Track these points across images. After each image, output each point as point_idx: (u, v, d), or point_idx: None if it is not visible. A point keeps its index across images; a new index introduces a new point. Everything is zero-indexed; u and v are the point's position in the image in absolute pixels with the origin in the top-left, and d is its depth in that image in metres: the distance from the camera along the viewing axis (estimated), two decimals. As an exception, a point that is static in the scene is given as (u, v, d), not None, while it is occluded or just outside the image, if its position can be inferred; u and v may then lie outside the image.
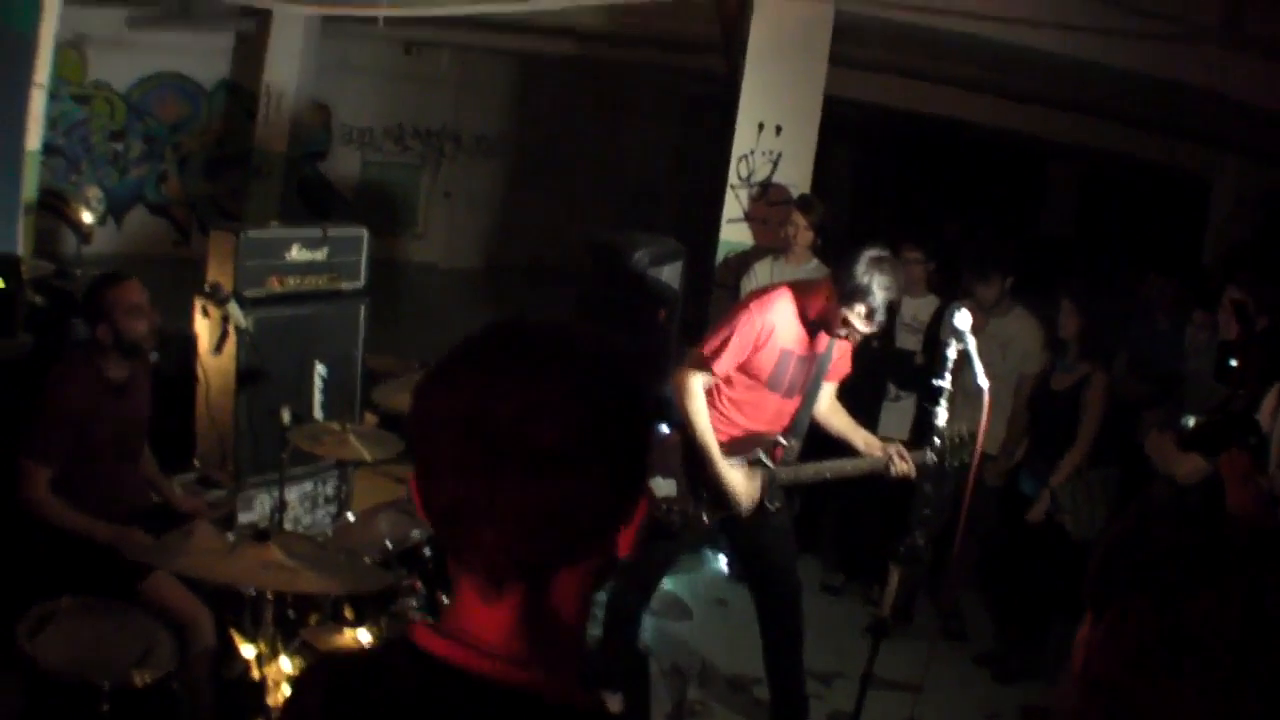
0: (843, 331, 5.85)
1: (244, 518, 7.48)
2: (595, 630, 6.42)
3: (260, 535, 4.60)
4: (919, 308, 8.45)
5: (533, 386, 1.68)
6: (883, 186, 19.35)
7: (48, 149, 11.56)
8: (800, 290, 6.09)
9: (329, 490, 8.05)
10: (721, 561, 8.76)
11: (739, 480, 6.03)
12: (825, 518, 8.98)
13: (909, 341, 8.43)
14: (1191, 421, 5.68)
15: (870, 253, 5.72)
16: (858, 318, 5.73)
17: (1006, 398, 7.76)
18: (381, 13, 10.30)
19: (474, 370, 1.73)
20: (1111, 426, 7.50)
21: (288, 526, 6.97)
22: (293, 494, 7.35)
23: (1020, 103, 13.74)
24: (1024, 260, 8.43)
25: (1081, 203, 19.02)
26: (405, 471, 7.65)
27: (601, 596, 6.24)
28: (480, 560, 1.73)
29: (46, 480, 5.49)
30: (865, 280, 5.66)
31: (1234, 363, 5.59)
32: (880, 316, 5.75)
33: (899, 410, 8.42)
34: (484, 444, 1.65)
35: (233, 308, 6.72)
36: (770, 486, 6.11)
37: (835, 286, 5.81)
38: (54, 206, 10.89)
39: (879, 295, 5.66)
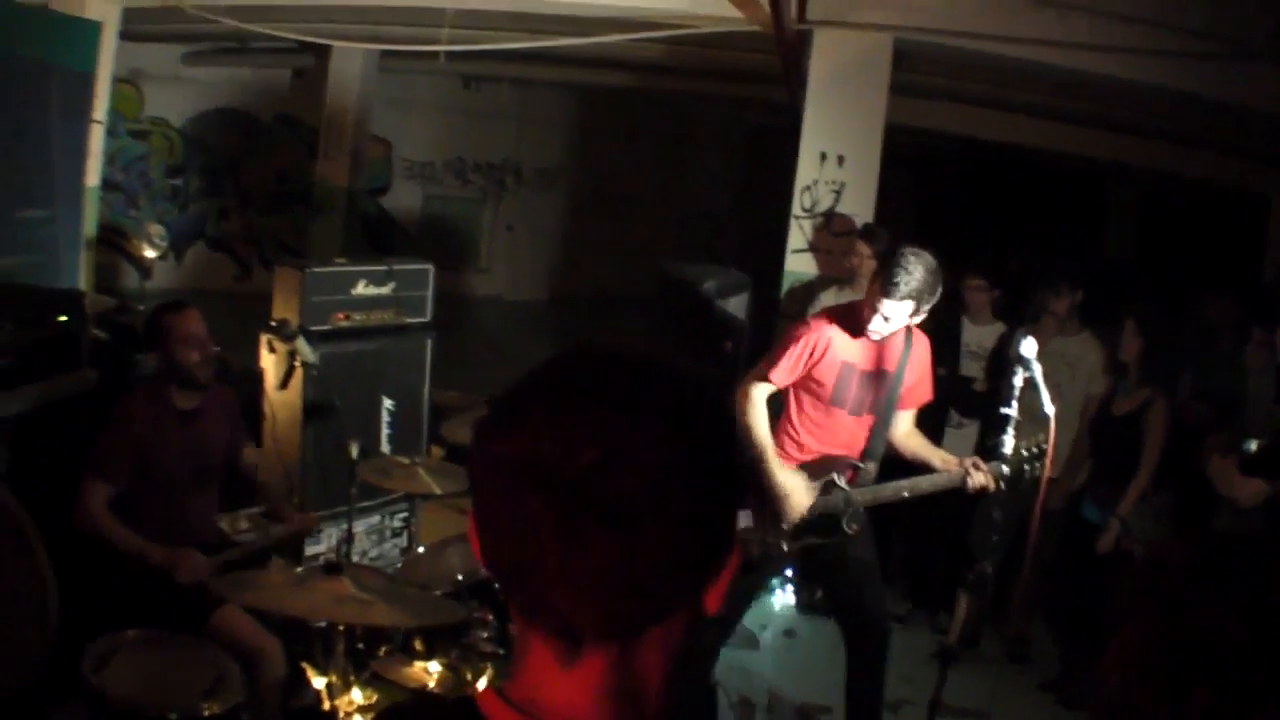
0: (874, 324, 5.85)
1: (311, 550, 7.55)
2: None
3: (332, 568, 4.63)
4: (983, 335, 8.43)
5: (612, 430, 1.49)
6: (945, 213, 19.30)
7: (106, 184, 11.68)
8: (854, 304, 6.13)
9: (395, 523, 8.11)
10: (788, 592, 8.75)
11: (793, 484, 5.99)
12: (892, 546, 8.97)
13: (972, 369, 8.41)
14: (1254, 445, 5.67)
15: (911, 247, 5.80)
16: (887, 299, 5.75)
17: (1072, 418, 7.77)
18: (441, 48, 10.33)
19: (543, 410, 1.53)
20: (1173, 450, 7.46)
21: (355, 559, 7.03)
22: (360, 526, 7.39)
23: (1079, 126, 13.71)
24: (1088, 283, 8.39)
25: (1142, 225, 18.94)
26: (469, 504, 7.71)
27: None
28: (554, 622, 1.54)
29: (104, 497, 5.55)
30: (895, 257, 5.76)
31: None
32: (900, 288, 5.71)
33: (961, 437, 8.39)
34: (557, 497, 1.46)
35: (301, 344, 6.77)
36: (847, 509, 6.09)
37: (876, 279, 5.89)
38: (113, 241, 10.99)
39: (897, 271, 5.69)
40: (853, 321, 6.02)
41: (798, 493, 6.02)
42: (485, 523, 1.56)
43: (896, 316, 5.80)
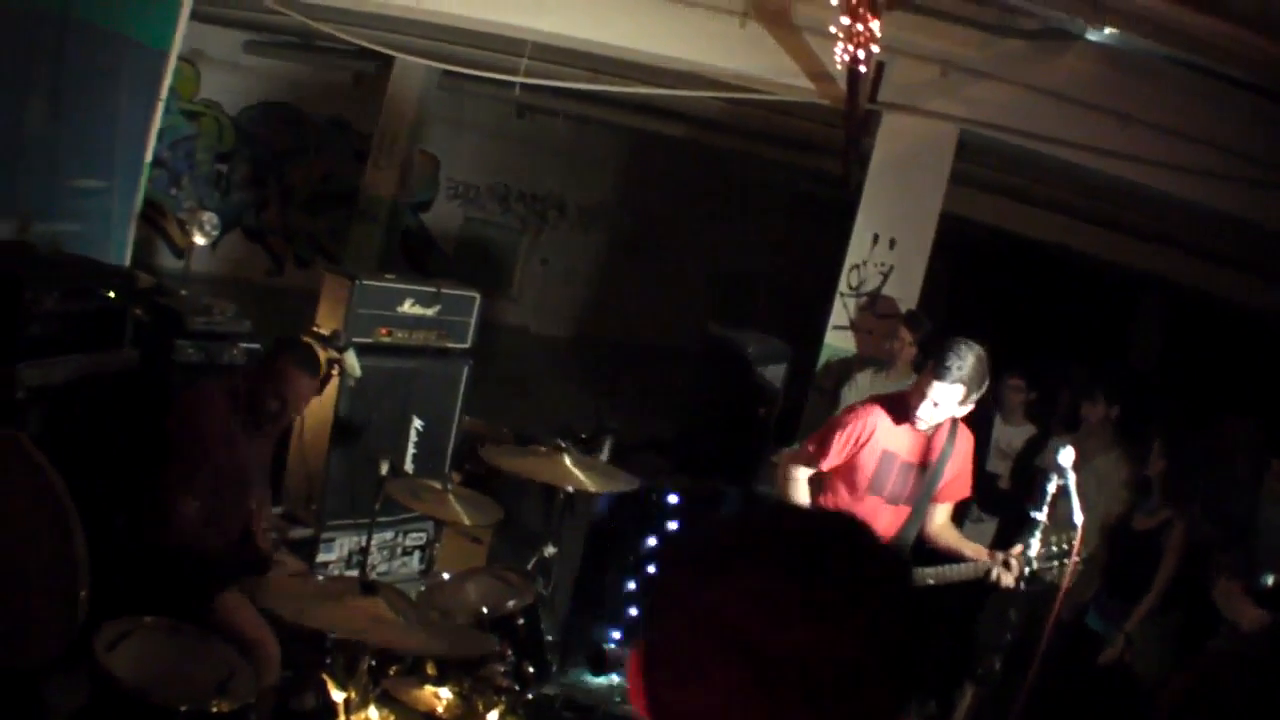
0: (922, 410, 5.90)
1: (323, 557, 7.60)
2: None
3: (369, 589, 4.69)
4: (1014, 435, 8.49)
5: (826, 609, 1.50)
6: (976, 304, 19.36)
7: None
8: (904, 395, 6.18)
9: (408, 542, 8.15)
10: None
11: None
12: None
13: (998, 466, 8.46)
14: (1271, 580, 5.72)
15: (961, 338, 5.84)
16: (939, 381, 5.79)
17: (1093, 532, 7.79)
18: (517, 79, 10.42)
19: (753, 575, 1.53)
20: (1185, 572, 7.49)
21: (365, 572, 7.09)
22: (373, 541, 7.44)
23: (1119, 232, 13.80)
24: (1120, 392, 8.42)
25: (1168, 338, 18.96)
26: (484, 534, 7.76)
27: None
28: None
29: (192, 513, 5.62)
30: (947, 345, 5.80)
31: None
32: (951, 374, 5.76)
33: (980, 532, 8.42)
34: (765, 672, 1.47)
35: (350, 356, 6.84)
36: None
37: (927, 365, 5.94)
38: (151, 218, 11.01)
39: (950, 358, 5.73)
40: (899, 410, 6.06)
41: None
42: (667, 671, 1.56)
43: (946, 402, 5.83)
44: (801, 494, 6.16)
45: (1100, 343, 18.09)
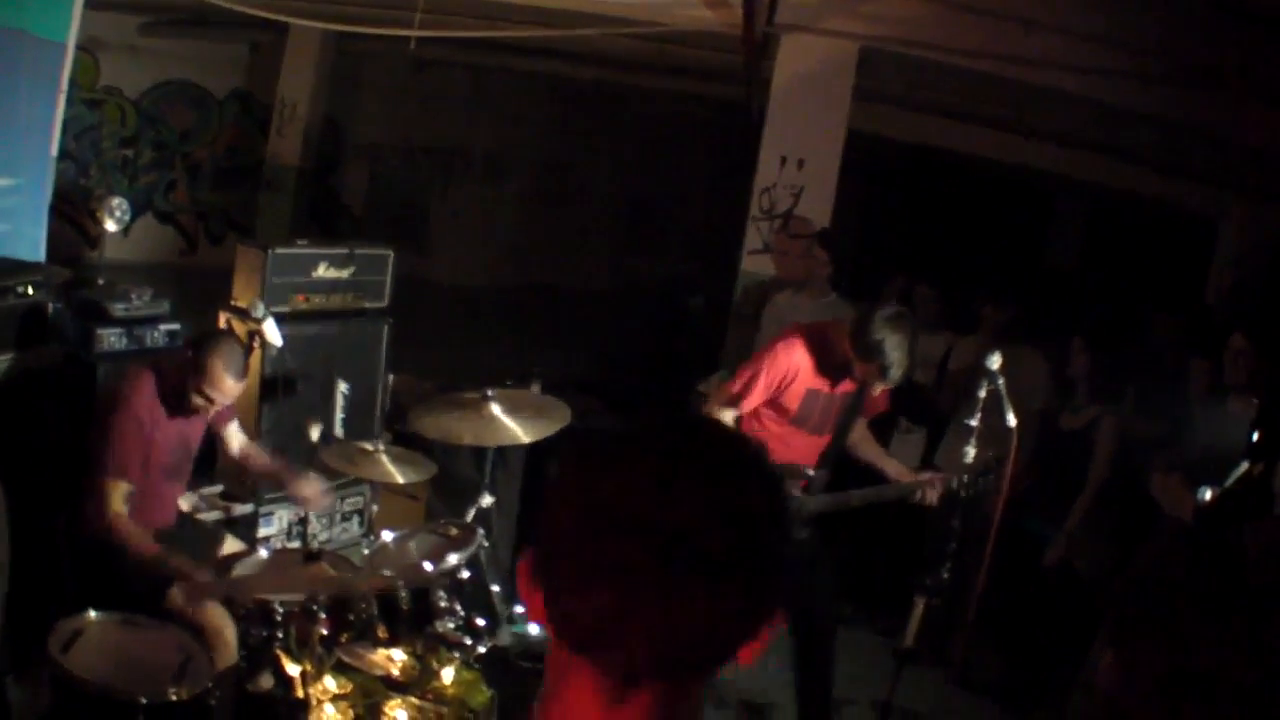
0: (864, 380, 5.99)
1: (263, 531, 7.57)
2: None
3: (311, 557, 4.70)
4: (931, 344, 8.53)
5: (713, 487, 1.62)
6: (889, 219, 19.38)
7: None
8: (825, 332, 6.22)
9: (346, 507, 8.13)
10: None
11: None
12: (833, 548, 9.06)
13: (919, 376, 8.50)
14: (1208, 493, 5.78)
15: (885, 312, 5.88)
16: (872, 375, 5.88)
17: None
18: (411, 33, 10.32)
19: (645, 464, 1.65)
20: (1119, 466, 7.57)
21: (308, 542, 7.09)
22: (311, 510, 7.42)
23: (1029, 139, 13.84)
24: (1032, 295, 8.50)
25: (1087, 239, 19.07)
26: (420, 490, 7.75)
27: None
28: (618, 663, 1.65)
29: (124, 496, 5.57)
30: (878, 338, 5.82)
31: (1255, 436, 5.67)
32: (894, 374, 5.88)
33: (909, 443, 8.51)
34: (657, 544, 1.57)
35: (269, 326, 6.78)
36: (797, 516, 6.20)
37: (851, 341, 5.94)
38: (62, 211, 10.87)
39: (891, 355, 5.80)
40: (825, 354, 6.13)
41: None
42: (564, 563, 1.66)
43: (881, 384, 6.06)
44: None
45: (1017, 249, 18.18)
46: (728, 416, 6.20)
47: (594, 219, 21.54)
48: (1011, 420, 5.62)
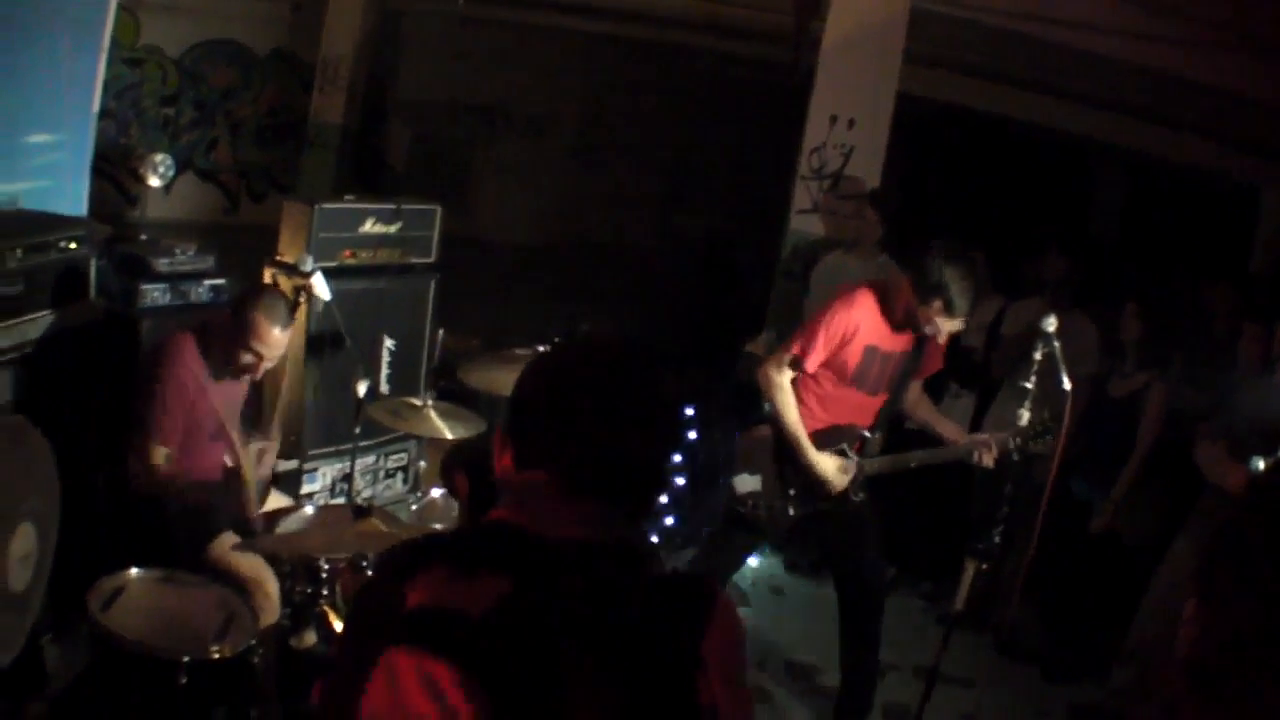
0: (929, 329, 5.93)
1: (308, 488, 7.58)
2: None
3: (361, 512, 4.69)
4: (982, 308, 8.46)
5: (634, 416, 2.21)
6: (936, 183, 19.28)
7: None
8: (886, 288, 6.17)
9: (390, 464, 8.14)
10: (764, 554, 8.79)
11: (831, 468, 6.14)
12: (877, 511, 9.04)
13: (971, 340, 8.44)
14: (1261, 464, 5.72)
15: (942, 253, 5.83)
16: (938, 314, 5.83)
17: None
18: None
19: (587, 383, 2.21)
20: (1166, 435, 7.51)
21: (352, 499, 7.08)
22: (356, 466, 7.41)
23: (1072, 102, 13.73)
24: (1077, 255, 8.41)
25: (1128, 206, 18.93)
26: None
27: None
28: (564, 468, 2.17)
29: (163, 460, 5.56)
30: (938, 276, 5.79)
31: None
32: (961, 305, 5.83)
33: (959, 408, 8.44)
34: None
35: (318, 279, 6.76)
36: (854, 478, 6.20)
37: (914, 286, 5.90)
38: (102, 169, 10.91)
39: (954, 288, 5.76)
40: (884, 308, 6.09)
41: (835, 474, 6.18)
42: (530, 448, 2.21)
43: (950, 324, 5.98)
44: (790, 399, 6.17)
45: (1061, 213, 18.07)
46: (786, 379, 6.16)
47: (637, 176, 21.46)
48: (1066, 383, 5.55)
